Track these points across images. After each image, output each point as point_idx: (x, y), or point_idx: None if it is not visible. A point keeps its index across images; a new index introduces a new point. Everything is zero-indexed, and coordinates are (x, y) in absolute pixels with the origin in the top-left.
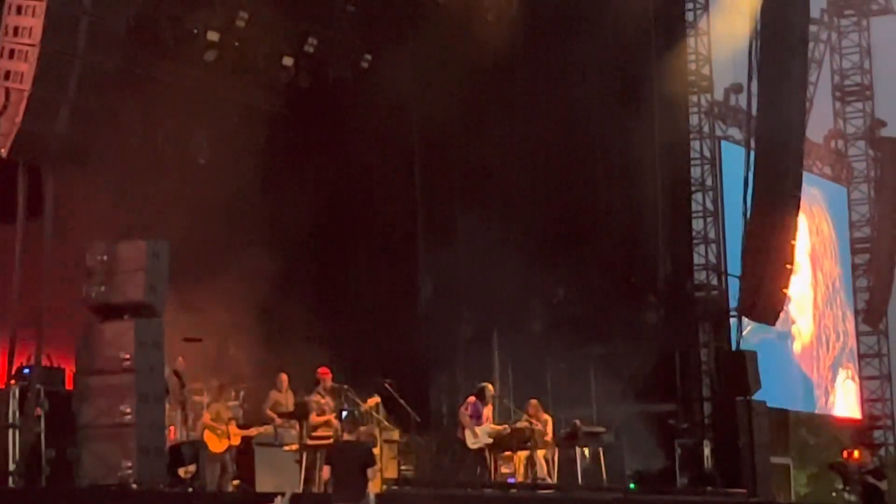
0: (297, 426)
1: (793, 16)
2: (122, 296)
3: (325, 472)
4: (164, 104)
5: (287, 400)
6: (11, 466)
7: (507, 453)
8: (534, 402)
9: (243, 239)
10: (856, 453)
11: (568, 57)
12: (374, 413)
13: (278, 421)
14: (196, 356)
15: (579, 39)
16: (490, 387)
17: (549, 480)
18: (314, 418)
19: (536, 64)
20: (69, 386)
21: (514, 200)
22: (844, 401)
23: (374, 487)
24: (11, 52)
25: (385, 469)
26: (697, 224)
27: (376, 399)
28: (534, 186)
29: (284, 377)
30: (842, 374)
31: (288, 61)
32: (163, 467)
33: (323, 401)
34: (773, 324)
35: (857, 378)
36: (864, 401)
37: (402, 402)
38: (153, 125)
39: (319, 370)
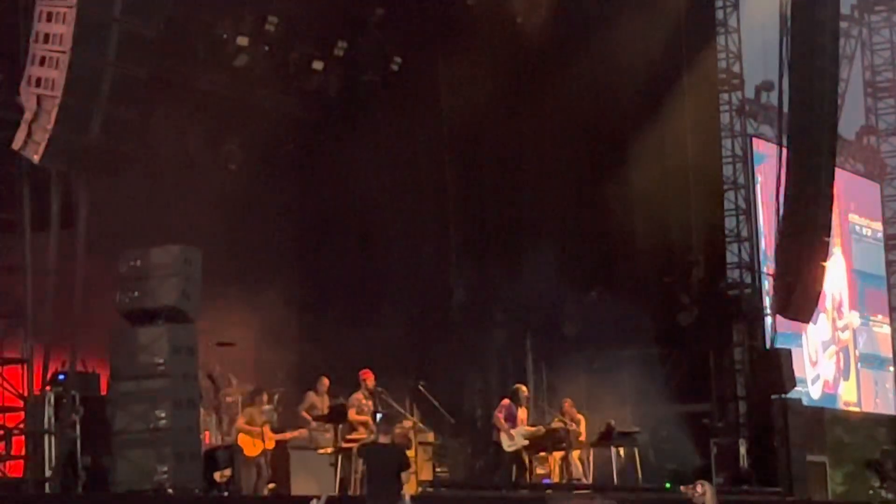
0: (333, 429)
1: (823, 12)
2: (155, 301)
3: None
4: (195, 111)
5: (323, 404)
6: (48, 473)
7: (543, 454)
8: (568, 401)
9: (276, 244)
10: None
11: (598, 57)
12: (409, 416)
13: (312, 424)
14: (229, 361)
15: (609, 39)
16: (524, 388)
17: (584, 481)
18: (352, 415)
19: (566, 65)
20: (104, 391)
21: (546, 202)
22: (884, 399)
23: (409, 490)
24: (42, 59)
25: (420, 471)
26: (730, 222)
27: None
28: (565, 188)
29: (326, 381)
30: (886, 373)
31: (318, 65)
32: (198, 472)
33: (365, 401)
34: (808, 321)
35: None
36: None
37: (436, 404)
38: (184, 132)
39: (361, 372)
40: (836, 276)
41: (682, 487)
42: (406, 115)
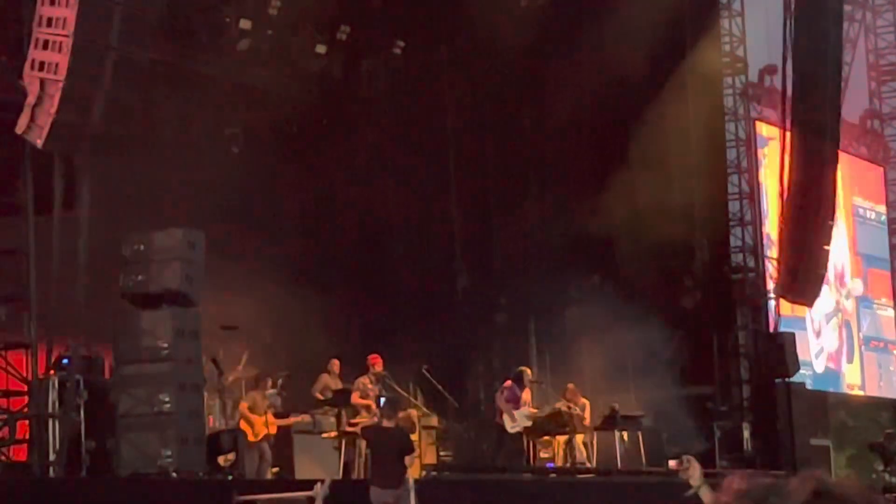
0: (336, 413)
1: None
2: (158, 285)
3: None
4: (198, 94)
5: (336, 386)
6: (52, 457)
7: (546, 438)
8: (571, 385)
9: (279, 228)
10: None
11: (600, 40)
12: (413, 399)
13: (325, 408)
14: (233, 344)
15: (613, 23)
16: (528, 371)
17: (588, 465)
18: (355, 398)
19: (569, 48)
20: (108, 375)
21: (549, 185)
22: (888, 382)
23: (412, 473)
24: (45, 43)
25: (424, 455)
26: (734, 206)
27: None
28: (568, 171)
29: (336, 363)
30: (889, 356)
31: (321, 49)
32: (202, 456)
33: (371, 386)
34: (811, 305)
35: None
36: None
37: (440, 388)
38: (187, 116)
39: (370, 357)
40: (838, 247)
41: (670, 463)
42: (409, 98)
